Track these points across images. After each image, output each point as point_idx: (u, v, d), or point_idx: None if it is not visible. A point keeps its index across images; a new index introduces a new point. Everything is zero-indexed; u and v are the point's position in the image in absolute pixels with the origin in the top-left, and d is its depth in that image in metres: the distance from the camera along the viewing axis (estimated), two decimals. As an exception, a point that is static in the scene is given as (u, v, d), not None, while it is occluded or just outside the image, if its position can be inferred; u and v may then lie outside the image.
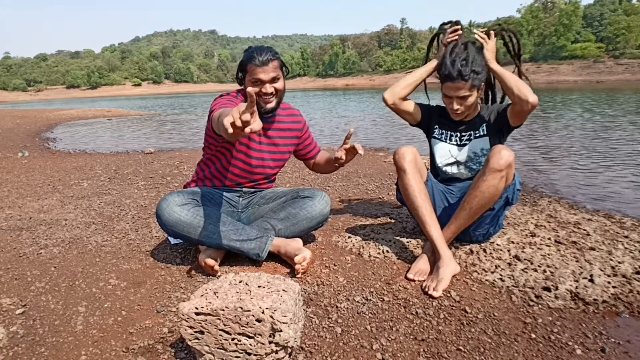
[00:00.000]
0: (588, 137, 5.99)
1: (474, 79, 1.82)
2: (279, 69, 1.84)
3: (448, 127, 2.06)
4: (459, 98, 1.86)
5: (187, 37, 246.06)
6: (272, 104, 1.87)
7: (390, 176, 3.68)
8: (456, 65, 1.81)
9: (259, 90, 1.81)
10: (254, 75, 1.79)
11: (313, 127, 9.07)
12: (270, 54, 1.80)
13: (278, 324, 1.10)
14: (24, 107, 29.68)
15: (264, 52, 1.79)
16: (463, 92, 1.84)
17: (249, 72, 1.81)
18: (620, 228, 2.17)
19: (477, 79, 1.83)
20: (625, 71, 40.23)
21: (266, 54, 1.79)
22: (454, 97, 1.87)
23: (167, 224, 1.79)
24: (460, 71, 1.80)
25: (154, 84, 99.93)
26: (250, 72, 1.80)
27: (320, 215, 1.99)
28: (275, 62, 1.81)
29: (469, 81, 1.81)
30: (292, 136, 2.07)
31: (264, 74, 1.78)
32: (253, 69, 1.79)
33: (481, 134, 1.99)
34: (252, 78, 1.80)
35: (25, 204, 3.10)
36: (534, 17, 54.51)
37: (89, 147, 7.00)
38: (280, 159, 2.05)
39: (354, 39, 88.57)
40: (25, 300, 1.65)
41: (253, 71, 1.79)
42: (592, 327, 1.39)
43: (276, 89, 1.85)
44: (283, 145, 2.03)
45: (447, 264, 1.68)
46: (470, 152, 2.00)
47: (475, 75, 1.82)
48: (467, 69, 1.80)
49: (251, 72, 1.80)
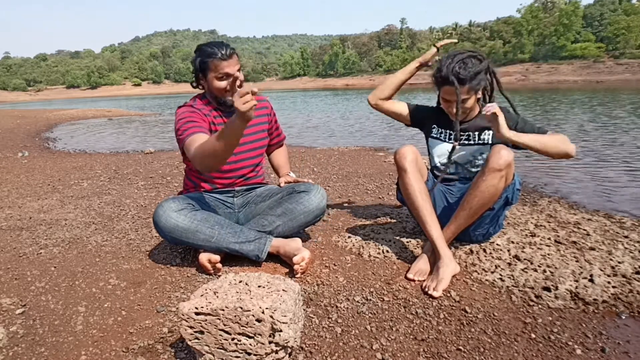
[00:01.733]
0: (588, 137, 5.99)
1: (472, 82, 1.80)
2: (238, 61, 1.81)
3: (448, 126, 2.04)
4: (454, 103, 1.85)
5: (187, 37, 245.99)
6: None
7: (390, 176, 3.68)
8: (454, 69, 1.79)
9: (228, 84, 1.79)
10: (220, 70, 1.76)
11: (315, 127, 9.07)
12: (229, 47, 1.78)
13: (278, 324, 1.10)
14: (24, 107, 29.68)
15: (223, 46, 1.76)
16: (461, 95, 1.82)
17: (212, 68, 1.77)
18: (620, 228, 2.17)
19: (476, 82, 1.81)
20: (625, 71, 40.21)
21: (226, 48, 1.76)
22: (452, 101, 1.85)
23: (164, 230, 1.79)
24: (458, 74, 1.78)
25: (154, 84, 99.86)
26: (215, 68, 1.76)
27: (318, 209, 1.98)
28: (235, 55, 1.79)
29: (466, 84, 1.80)
30: (263, 121, 2.08)
31: (230, 66, 1.76)
32: (217, 64, 1.75)
33: (485, 141, 1.94)
34: (218, 74, 1.77)
35: (25, 204, 3.10)
36: (534, 17, 54.51)
37: (89, 147, 7.00)
38: (258, 146, 2.05)
39: (354, 39, 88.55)
40: (25, 300, 1.65)
41: (218, 66, 1.75)
42: (592, 327, 1.39)
43: (241, 80, 1.84)
44: (257, 132, 2.05)
45: (447, 264, 1.68)
46: (470, 155, 1.98)
47: (474, 78, 1.80)
48: (464, 74, 1.78)
49: (216, 68, 1.76)
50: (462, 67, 1.79)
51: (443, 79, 1.81)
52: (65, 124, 11.91)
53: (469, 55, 1.83)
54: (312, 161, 4.60)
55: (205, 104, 1.92)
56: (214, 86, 1.81)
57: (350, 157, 4.80)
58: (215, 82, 1.79)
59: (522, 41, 52.84)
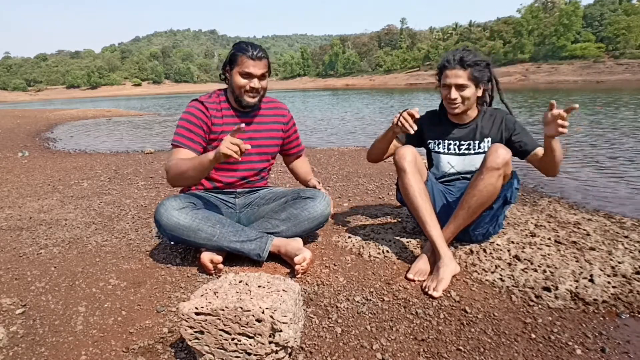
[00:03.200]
0: (588, 137, 5.99)
1: (474, 69, 1.82)
2: (268, 68, 1.88)
3: (443, 135, 2.01)
4: (457, 86, 1.84)
5: (187, 37, 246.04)
6: (255, 100, 1.90)
7: (390, 176, 3.68)
8: (457, 54, 1.83)
9: (248, 84, 1.84)
10: (244, 67, 1.81)
11: (315, 127, 9.07)
12: (263, 52, 1.85)
13: (278, 324, 1.10)
14: (24, 107, 29.69)
15: (257, 48, 1.84)
16: (462, 80, 1.82)
17: (239, 63, 1.82)
18: (620, 228, 2.17)
19: (477, 71, 1.82)
20: (625, 71, 40.20)
21: (260, 51, 1.83)
22: (452, 86, 1.84)
23: (166, 228, 1.79)
24: (462, 57, 1.81)
25: (154, 84, 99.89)
26: (241, 64, 1.81)
27: (322, 216, 1.98)
28: (266, 61, 1.86)
29: (467, 69, 1.81)
30: (276, 129, 2.06)
31: (256, 67, 1.82)
32: (245, 60, 1.81)
33: (484, 150, 1.94)
34: (242, 70, 1.82)
35: (25, 204, 3.10)
36: (534, 17, 54.50)
37: (89, 147, 7.00)
38: (266, 152, 2.04)
39: (354, 39, 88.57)
40: (25, 300, 1.65)
41: (245, 63, 1.81)
42: (592, 327, 1.39)
43: (262, 87, 1.89)
44: (268, 139, 2.03)
45: (447, 264, 1.68)
46: (472, 165, 1.96)
47: (476, 66, 1.82)
48: (468, 58, 1.81)
49: (242, 63, 1.81)
50: (466, 53, 1.83)
51: (446, 62, 1.85)
52: (65, 124, 11.91)
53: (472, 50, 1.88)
54: (312, 161, 4.60)
55: (223, 100, 1.96)
56: (234, 80, 1.86)
57: (350, 157, 4.80)
58: (237, 77, 1.84)
59: (522, 41, 52.83)
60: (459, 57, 1.82)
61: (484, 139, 1.95)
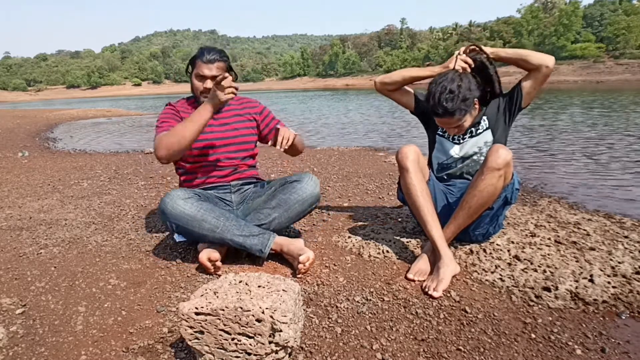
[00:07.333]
0: (588, 137, 5.99)
1: (462, 110, 1.79)
2: (225, 70, 1.97)
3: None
4: (454, 127, 1.86)
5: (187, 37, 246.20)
6: None
7: (390, 176, 3.68)
8: (442, 102, 1.76)
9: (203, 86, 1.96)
10: (199, 70, 1.95)
11: (315, 127, 9.07)
12: (218, 55, 1.96)
13: (278, 324, 1.10)
14: (24, 107, 29.70)
15: (212, 52, 1.96)
16: (454, 123, 1.83)
17: (196, 66, 1.98)
18: (620, 228, 2.17)
19: (465, 107, 1.80)
20: (625, 71, 40.22)
21: (214, 54, 1.95)
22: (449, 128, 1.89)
23: (170, 217, 1.81)
24: (446, 108, 1.76)
25: (154, 84, 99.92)
26: (197, 67, 1.97)
27: (312, 197, 1.99)
28: (221, 64, 1.96)
29: (456, 115, 1.79)
30: (249, 119, 2.13)
31: (208, 70, 1.94)
32: (199, 64, 1.96)
33: (483, 128, 1.95)
34: (197, 72, 1.97)
35: (25, 204, 3.10)
36: (534, 17, 54.54)
37: (89, 147, 7.00)
38: (243, 141, 2.09)
39: (354, 39, 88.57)
40: (25, 300, 1.65)
41: (199, 66, 1.95)
42: (592, 327, 1.39)
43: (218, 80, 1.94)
44: (242, 128, 2.09)
45: (448, 264, 1.68)
46: (475, 146, 1.96)
47: (461, 106, 1.78)
48: (452, 104, 1.76)
49: (197, 67, 1.97)
50: (448, 99, 1.76)
51: (433, 110, 1.82)
52: (65, 124, 11.91)
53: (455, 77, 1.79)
54: (312, 161, 4.60)
55: (190, 104, 2.09)
56: (192, 83, 2.01)
57: (350, 157, 4.80)
58: (193, 79, 2.00)
59: (522, 41, 52.86)
60: (442, 110, 1.77)
61: (482, 117, 1.95)
